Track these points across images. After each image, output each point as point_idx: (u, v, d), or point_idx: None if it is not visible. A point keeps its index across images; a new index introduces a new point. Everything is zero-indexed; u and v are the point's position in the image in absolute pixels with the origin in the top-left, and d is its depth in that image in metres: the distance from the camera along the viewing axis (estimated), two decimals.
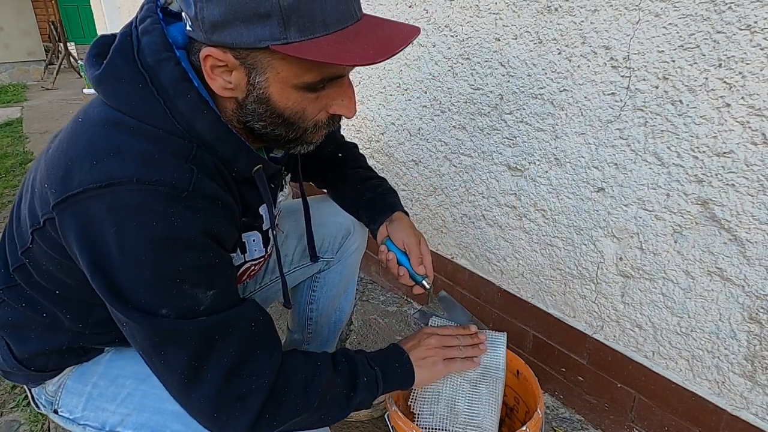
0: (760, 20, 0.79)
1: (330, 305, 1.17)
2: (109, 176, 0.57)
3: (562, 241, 1.21)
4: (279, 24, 0.54)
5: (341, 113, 0.67)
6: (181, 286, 0.60)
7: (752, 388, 0.95)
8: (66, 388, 0.80)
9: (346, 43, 0.56)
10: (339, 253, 1.10)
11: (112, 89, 0.62)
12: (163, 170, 0.58)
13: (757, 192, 0.86)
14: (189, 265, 0.60)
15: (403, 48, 0.57)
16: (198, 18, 0.57)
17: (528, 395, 0.98)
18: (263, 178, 0.72)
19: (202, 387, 0.62)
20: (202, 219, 0.61)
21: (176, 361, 0.61)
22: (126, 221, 0.57)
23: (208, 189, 0.62)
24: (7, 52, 8.21)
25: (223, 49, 0.57)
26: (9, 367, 0.79)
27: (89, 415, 0.78)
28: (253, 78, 0.60)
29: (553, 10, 1.06)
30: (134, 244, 0.57)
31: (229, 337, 0.63)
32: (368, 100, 1.72)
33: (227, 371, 0.62)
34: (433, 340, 0.86)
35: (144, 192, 0.57)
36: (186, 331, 0.60)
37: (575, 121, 1.09)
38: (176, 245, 0.59)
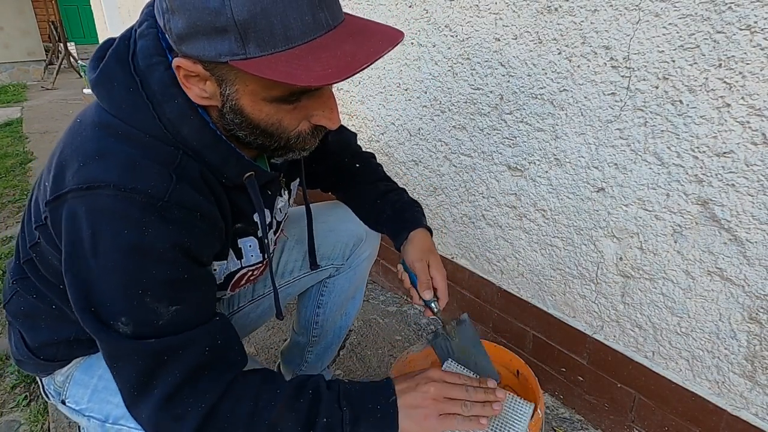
0: (760, 20, 0.79)
1: (337, 311, 1.16)
2: (91, 179, 0.58)
3: (562, 241, 1.21)
4: (237, 39, 0.52)
5: (323, 124, 0.65)
6: (143, 298, 0.60)
7: (752, 388, 0.95)
8: (73, 379, 0.81)
9: (306, 59, 0.53)
10: (349, 260, 1.10)
11: (105, 92, 0.63)
12: (142, 178, 0.59)
13: (757, 192, 0.86)
14: (155, 278, 0.60)
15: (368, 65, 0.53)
16: (167, 29, 0.57)
17: (528, 395, 0.98)
18: (255, 185, 0.71)
19: (146, 403, 0.63)
20: (175, 231, 0.60)
21: (125, 376, 0.63)
22: (101, 225, 0.58)
23: (186, 199, 0.61)
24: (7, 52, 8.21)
25: (193, 60, 0.57)
26: (21, 356, 0.81)
27: (94, 407, 0.79)
28: (224, 89, 0.59)
29: (553, 10, 1.06)
30: (106, 248, 0.58)
31: (178, 359, 0.62)
32: (368, 100, 1.72)
33: (170, 392, 0.62)
34: (433, 388, 0.71)
35: (120, 198, 0.58)
36: (136, 351, 0.61)
37: (575, 121, 1.09)
38: (145, 256, 0.59)
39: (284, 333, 1.67)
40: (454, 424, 0.71)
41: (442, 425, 0.70)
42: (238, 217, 0.74)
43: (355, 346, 1.61)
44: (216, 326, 0.67)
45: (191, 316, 0.64)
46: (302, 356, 1.24)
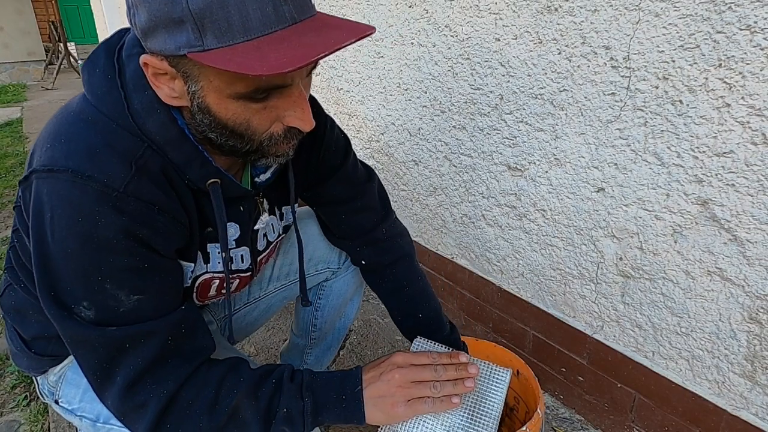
0: (760, 20, 0.79)
1: (335, 313, 1.16)
2: (53, 162, 0.59)
3: (562, 241, 1.21)
4: (193, 30, 0.51)
5: (295, 125, 0.63)
6: (103, 285, 0.60)
7: (752, 388, 0.95)
8: (66, 378, 0.81)
9: (264, 50, 0.51)
10: (346, 264, 1.09)
11: (88, 77, 0.63)
12: (100, 167, 0.59)
13: (757, 192, 0.86)
14: (112, 267, 0.60)
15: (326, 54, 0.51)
16: (133, 24, 0.56)
17: (528, 395, 0.98)
18: (218, 194, 0.69)
19: (110, 390, 0.64)
20: (128, 222, 0.60)
21: (87, 363, 0.63)
22: (58, 211, 0.58)
23: (144, 192, 0.61)
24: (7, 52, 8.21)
25: (158, 56, 0.56)
26: (16, 348, 0.82)
27: (86, 406, 0.79)
28: (190, 87, 0.58)
29: (553, 10, 1.06)
30: (63, 235, 0.59)
31: (140, 347, 0.62)
32: (368, 100, 1.72)
33: (132, 379, 0.62)
34: (398, 374, 0.69)
35: (76, 185, 0.58)
36: (95, 338, 0.61)
37: (575, 121, 1.09)
38: (99, 245, 0.59)
39: (284, 333, 1.67)
40: (425, 407, 0.69)
41: (412, 410, 0.69)
42: (207, 222, 0.72)
43: (355, 346, 1.61)
44: (180, 315, 0.66)
45: (155, 304, 0.64)
46: (302, 357, 1.24)
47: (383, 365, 0.71)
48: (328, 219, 1.00)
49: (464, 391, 0.72)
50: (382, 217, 0.98)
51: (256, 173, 0.77)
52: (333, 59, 1.84)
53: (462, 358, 0.74)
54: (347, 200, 0.94)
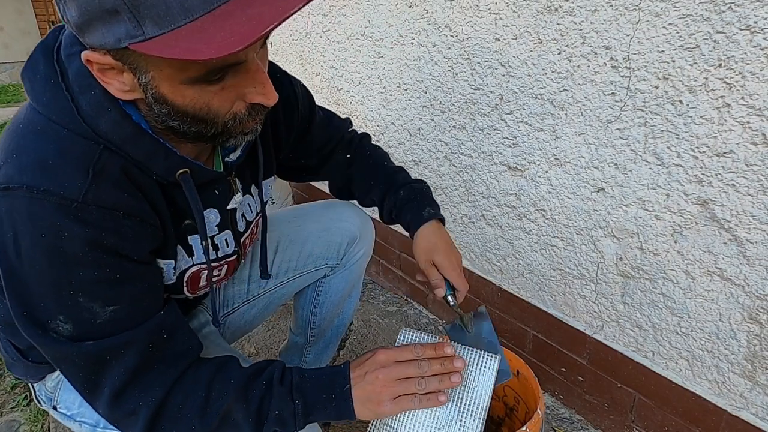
0: (760, 20, 0.79)
1: (334, 310, 1.16)
2: (7, 179, 0.56)
3: (562, 241, 1.21)
4: (130, 19, 0.47)
5: (259, 101, 0.60)
6: (76, 298, 0.58)
7: (752, 388, 0.95)
8: (63, 384, 0.81)
9: (208, 30, 0.48)
10: (344, 260, 1.09)
11: (30, 84, 0.60)
12: (55, 179, 0.56)
13: (757, 192, 0.86)
14: (82, 280, 0.58)
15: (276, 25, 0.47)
16: (65, 20, 0.53)
17: (528, 395, 0.98)
18: (190, 183, 0.66)
19: (100, 400, 0.63)
20: (92, 232, 0.58)
21: (72, 377, 0.63)
22: (20, 228, 0.56)
23: (104, 198, 0.58)
24: (7, 52, 8.21)
25: (100, 51, 0.52)
26: (12, 358, 0.81)
27: (85, 411, 0.79)
28: (140, 78, 0.54)
29: (553, 10, 1.06)
30: (29, 252, 0.57)
31: (121, 357, 0.62)
32: (368, 100, 1.72)
33: (118, 388, 0.62)
34: (382, 374, 0.68)
35: (34, 200, 0.55)
36: (74, 354, 0.60)
37: (575, 121, 1.09)
38: (66, 259, 0.57)
39: (284, 333, 1.67)
40: (411, 404, 0.68)
41: (398, 407, 0.68)
42: (183, 215, 0.71)
43: (355, 346, 1.61)
44: (158, 321, 0.65)
45: (132, 312, 0.63)
46: (301, 356, 1.24)
47: (367, 364, 0.70)
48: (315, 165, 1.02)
49: (450, 386, 0.70)
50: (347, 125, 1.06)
51: (226, 153, 0.76)
52: (333, 59, 1.84)
53: (447, 350, 0.71)
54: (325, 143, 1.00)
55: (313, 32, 1.90)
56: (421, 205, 0.94)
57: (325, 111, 1.02)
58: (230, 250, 0.82)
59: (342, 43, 1.76)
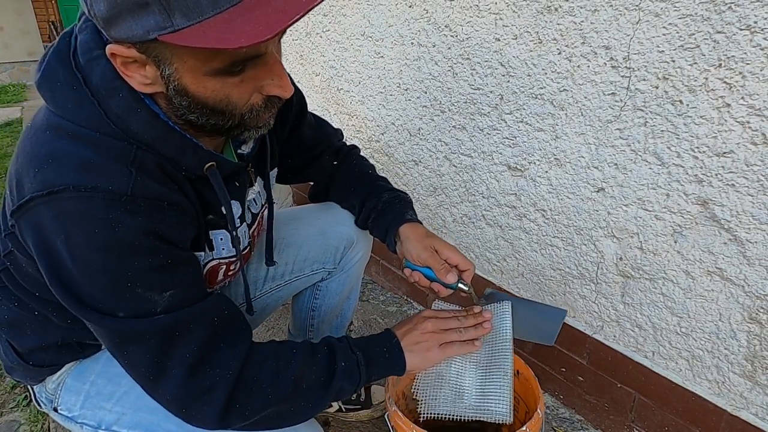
0: (760, 20, 0.79)
1: (332, 312, 1.16)
2: (49, 184, 0.57)
3: (562, 241, 1.21)
4: (161, 11, 0.49)
5: (276, 94, 0.62)
6: (133, 290, 0.59)
7: (752, 388, 0.95)
8: (65, 386, 0.81)
9: (236, 21, 0.50)
10: (341, 263, 1.09)
11: (50, 93, 0.60)
12: (100, 176, 0.57)
13: (757, 192, 0.86)
14: (138, 269, 0.59)
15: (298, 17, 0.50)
16: (92, 15, 0.54)
17: (528, 395, 0.98)
18: (217, 176, 0.69)
19: (166, 383, 0.63)
20: (144, 221, 0.59)
21: (139, 360, 0.62)
22: (71, 229, 0.57)
23: (149, 191, 0.60)
24: (7, 52, 8.20)
25: (125, 44, 0.54)
26: (11, 362, 0.80)
27: (87, 413, 0.79)
28: (164, 71, 0.56)
29: (553, 10, 1.06)
30: (82, 251, 0.58)
31: (189, 333, 0.63)
32: (368, 100, 1.72)
33: (190, 366, 0.62)
34: (430, 324, 0.81)
35: (83, 199, 0.56)
36: (145, 330, 0.61)
37: (575, 121, 1.09)
38: (122, 250, 0.58)
39: (284, 333, 1.67)
40: (454, 350, 0.82)
41: (444, 353, 0.80)
42: (208, 209, 0.72)
43: None
44: (217, 299, 0.67)
45: (187, 296, 0.64)
46: None
47: (414, 319, 0.82)
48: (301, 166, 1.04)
49: (484, 332, 0.85)
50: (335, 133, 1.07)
51: (237, 145, 0.78)
52: (333, 59, 1.84)
53: (476, 309, 0.88)
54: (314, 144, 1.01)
55: (313, 32, 1.90)
56: (403, 208, 0.96)
57: (317, 117, 1.04)
58: (246, 242, 0.85)
59: (342, 43, 1.76)
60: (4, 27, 8.10)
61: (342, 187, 1.05)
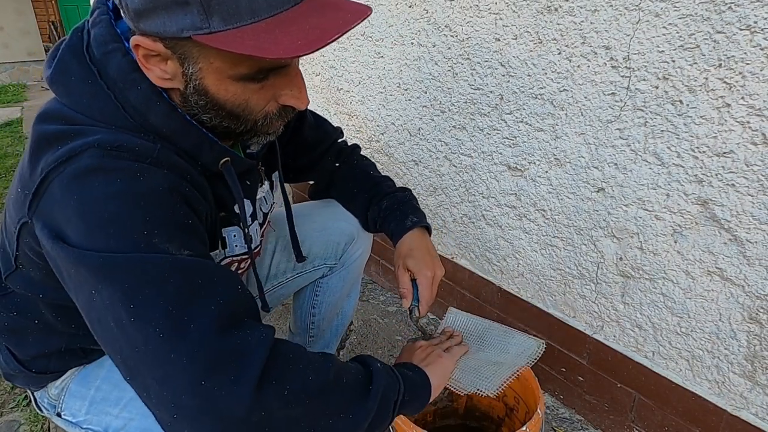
0: (760, 20, 0.79)
1: (332, 309, 1.16)
2: (70, 150, 0.54)
3: (562, 241, 1.21)
4: (200, 12, 0.50)
5: (292, 104, 0.62)
6: (150, 239, 0.53)
7: (752, 388, 0.95)
8: (69, 391, 0.79)
9: (274, 32, 0.51)
10: (342, 259, 1.09)
11: (63, 88, 0.60)
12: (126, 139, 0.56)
13: (757, 192, 0.86)
14: (158, 219, 0.54)
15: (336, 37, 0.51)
16: (122, 5, 0.54)
17: (528, 395, 0.98)
18: (232, 172, 0.68)
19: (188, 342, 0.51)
20: (171, 178, 0.57)
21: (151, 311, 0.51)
22: (86, 184, 0.53)
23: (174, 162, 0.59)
24: (7, 52, 8.20)
25: (152, 37, 0.54)
26: (12, 370, 0.79)
27: (92, 419, 0.78)
28: (187, 68, 0.56)
29: (553, 10, 1.06)
30: (97, 205, 0.52)
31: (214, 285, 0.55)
32: (368, 100, 1.72)
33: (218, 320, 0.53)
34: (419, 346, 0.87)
35: (106, 156, 0.54)
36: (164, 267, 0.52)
37: (575, 121, 1.09)
38: (143, 198, 0.54)
39: (284, 333, 1.67)
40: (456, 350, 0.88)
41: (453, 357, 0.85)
42: (221, 206, 0.72)
43: (355, 346, 1.61)
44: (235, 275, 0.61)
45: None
46: None
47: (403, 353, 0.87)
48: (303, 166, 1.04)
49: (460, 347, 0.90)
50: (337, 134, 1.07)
51: (245, 145, 0.78)
52: (333, 59, 1.84)
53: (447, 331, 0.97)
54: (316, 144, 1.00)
55: None
56: (404, 215, 0.96)
57: (316, 115, 1.04)
58: (258, 240, 0.85)
59: (342, 43, 1.76)
60: (4, 27, 8.10)
61: (344, 188, 1.06)
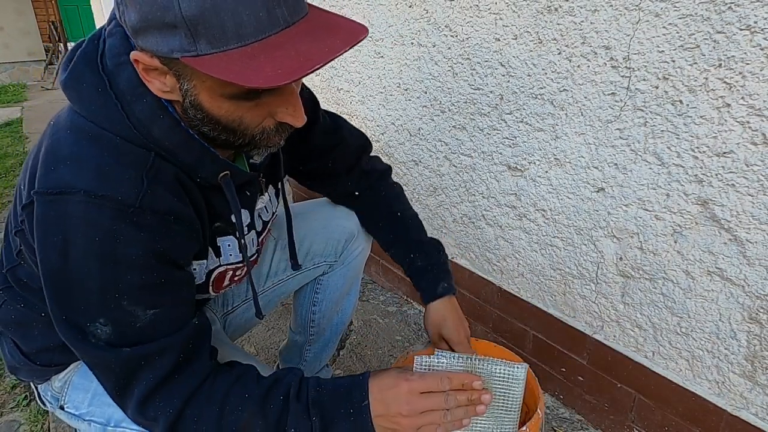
0: (760, 20, 0.79)
1: (333, 308, 1.16)
2: (61, 184, 0.58)
3: (562, 241, 1.21)
4: (187, 35, 0.51)
5: (288, 122, 0.63)
6: (119, 301, 0.60)
7: (752, 388, 0.95)
8: (72, 384, 0.81)
9: (259, 59, 0.51)
10: (342, 257, 1.09)
11: (75, 94, 0.62)
12: (113, 184, 0.58)
13: (757, 192, 0.86)
14: (130, 284, 0.60)
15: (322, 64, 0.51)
16: (122, 21, 0.56)
17: (528, 395, 0.98)
18: (231, 185, 0.70)
19: (128, 404, 0.66)
20: (147, 237, 0.60)
21: (105, 381, 0.65)
22: (72, 232, 0.58)
23: (159, 203, 0.61)
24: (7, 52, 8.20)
25: (149, 54, 0.55)
26: (17, 363, 0.81)
27: (95, 410, 0.79)
28: (182, 84, 0.58)
29: (553, 10, 1.06)
30: (78, 255, 0.59)
31: (153, 365, 0.63)
32: (368, 100, 1.72)
33: (144, 395, 0.64)
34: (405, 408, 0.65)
35: (91, 205, 0.58)
36: (110, 360, 0.62)
37: (575, 121, 1.09)
38: (118, 263, 0.59)
39: (284, 333, 1.67)
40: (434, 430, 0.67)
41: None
42: (216, 217, 0.73)
43: (355, 346, 1.61)
44: (192, 330, 0.67)
45: (170, 317, 0.65)
46: (301, 355, 1.24)
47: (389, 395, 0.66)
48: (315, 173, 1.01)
49: (475, 414, 0.68)
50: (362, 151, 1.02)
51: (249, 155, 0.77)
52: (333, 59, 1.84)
53: (476, 384, 0.68)
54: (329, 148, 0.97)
55: None
56: (437, 279, 0.97)
57: (336, 118, 0.99)
58: (254, 249, 0.85)
59: None
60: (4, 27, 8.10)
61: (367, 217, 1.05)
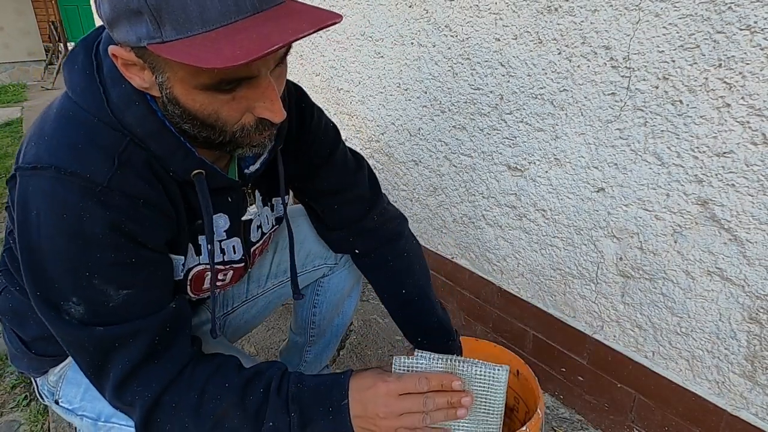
0: (760, 20, 0.79)
1: (333, 309, 1.16)
2: (37, 159, 0.60)
3: (562, 241, 1.21)
4: (151, 21, 0.51)
5: (266, 117, 0.61)
6: (91, 280, 0.61)
7: (752, 388, 0.95)
8: (66, 378, 0.81)
9: (220, 42, 0.50)
10: (343, 259, 1.09)
11: (68, 74, 0.64)
12: (83, 162, 0.59)
13: (757, 192, 0.86)
14: (99, 262, 0.61)
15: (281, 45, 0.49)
16: (99, 14, 0.56)
17: (528, 395, 0.98)
18: (203, 185, 0.68)
19: (104, 387, 0.66)
20: (114, 216, 0.60)
21: (81, 361, 0.66)
22: (43, 207, 0.59)
23: (128, 186, 0.61)
24: (7, 52, 8.21)
25: (124, 47, 0.55)
26: (16, 350, 0.82)
27: (86, 405, 0.79)
28: (158, 78, 0.57)
29: (553, 10, 1.06)
30: (49, 231, 0.60)
31: (127, 348, 0.63)
32: (368, 100, 1.72)
33: (120, 379, 0.64)
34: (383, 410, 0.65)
35: (59, 181, 0.59)
36: (83, 338, 0.63)
37: (575, 121, 1.09)
38: (86, 240, 0.60)
39: (284, 333, 1.67)
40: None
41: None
42: (196, 215, 0.72)
43: (355, 346, 1.61)
44: (169, 314, 0.67)
45: (144, 299, 0.65)
46: (301, 356, 1.24)
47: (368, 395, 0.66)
48: (318, 211, 0.98)
49: (455, 418, 0.68)
50: (372, 204, 0.95)
51: (246, 165, 0.77)
52: (333, 59, 1.84)
53: (455, 384, 0.67)
54: (338, 191, 0.92)
55: None
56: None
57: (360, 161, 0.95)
58: (237, 257, 0.83)
59: (342, 43, 1.76)
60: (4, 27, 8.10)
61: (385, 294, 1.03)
